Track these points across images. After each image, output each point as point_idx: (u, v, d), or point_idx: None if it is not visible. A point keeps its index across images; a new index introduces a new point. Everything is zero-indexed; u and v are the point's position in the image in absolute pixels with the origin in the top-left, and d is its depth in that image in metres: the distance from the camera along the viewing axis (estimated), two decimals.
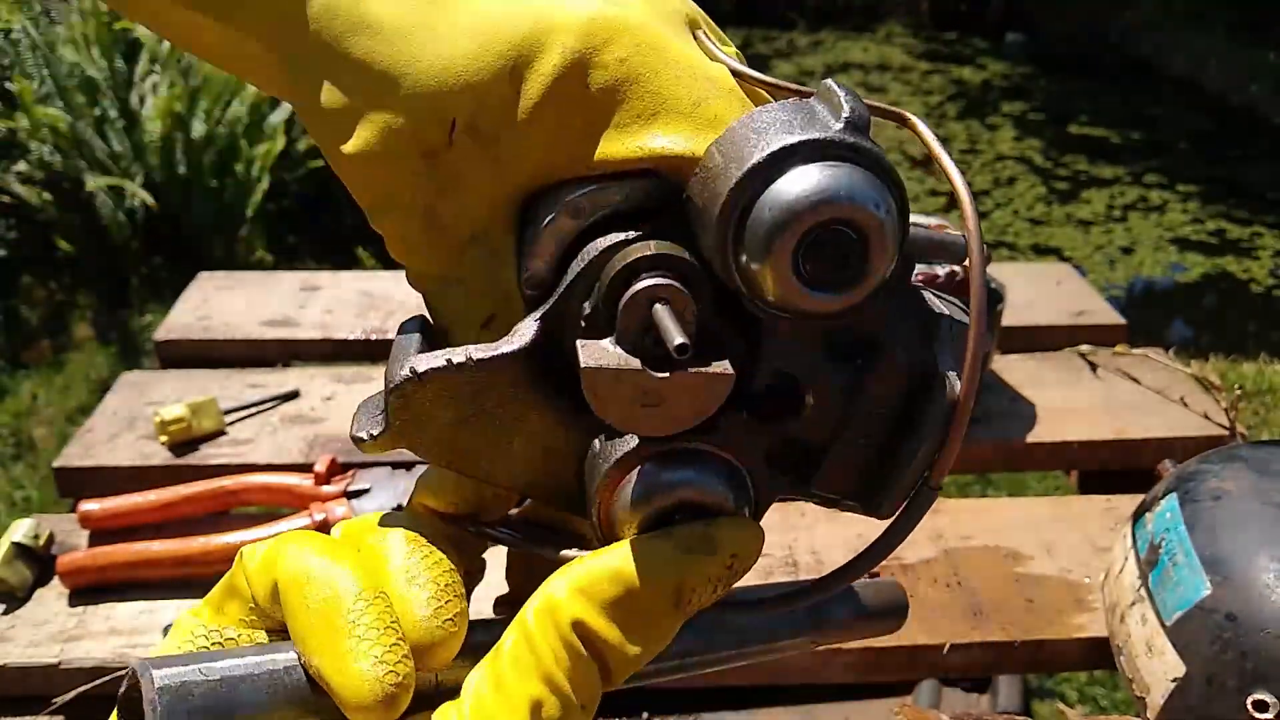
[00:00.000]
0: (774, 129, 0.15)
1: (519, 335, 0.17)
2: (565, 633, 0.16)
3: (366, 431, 0.17)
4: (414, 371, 0.17)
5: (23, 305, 1.76)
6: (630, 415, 0.16)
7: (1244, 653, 0.42)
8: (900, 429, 0.18)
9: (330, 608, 0.16)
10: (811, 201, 0.15)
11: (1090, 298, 0.84)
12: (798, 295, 0.16)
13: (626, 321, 0.16)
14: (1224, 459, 0.50)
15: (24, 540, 0.53)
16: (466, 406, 0.17)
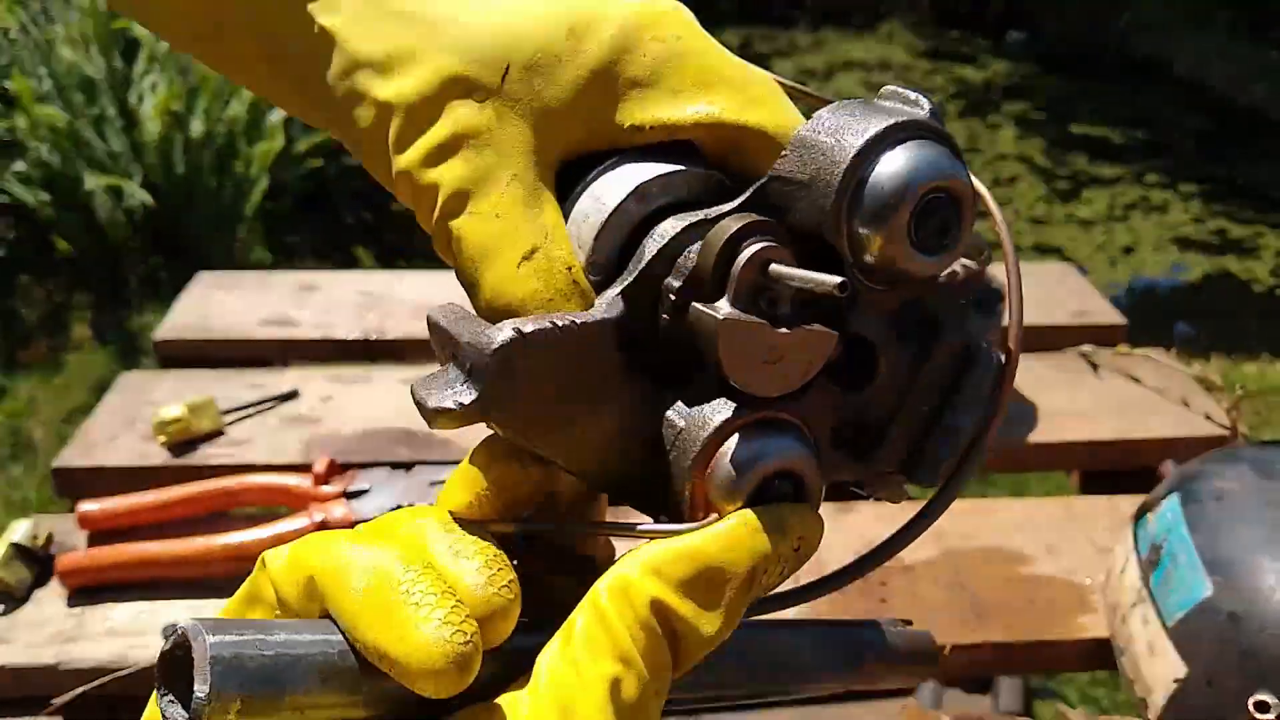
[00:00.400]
0: (872, 114, 0.17)
1: (610, 305, 0.17)
2: (642, 612, 0.16)
3: (454, 400, 0.16)
4: (519, 331, 0.16)
5: (21, 305, 1.76)
6: (753, 373, 0.17)
7: (1246, 653, 0.42)
8: (947, 400, 0.19)
9: (379, 584, 0.15)
10: (928, 173, 0.17)
11: (1091, 297, 0.83)
12: (907, 258, 0.17)
13: (741, 285, 0.17)
14: (1226, 459, 0.50)
15: (23, 541, 0.53)
16: (564, 374, 0.17)
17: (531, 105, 0.18)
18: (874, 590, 0.53)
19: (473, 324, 0.17)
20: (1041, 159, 2.75)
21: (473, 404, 0.16)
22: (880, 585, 0.54)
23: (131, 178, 1.76)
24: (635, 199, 0.18)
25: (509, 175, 0.18)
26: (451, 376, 0.17)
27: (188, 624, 0.14)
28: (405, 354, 0.76)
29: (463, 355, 0.16)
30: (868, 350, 0.19)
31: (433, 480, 0.56)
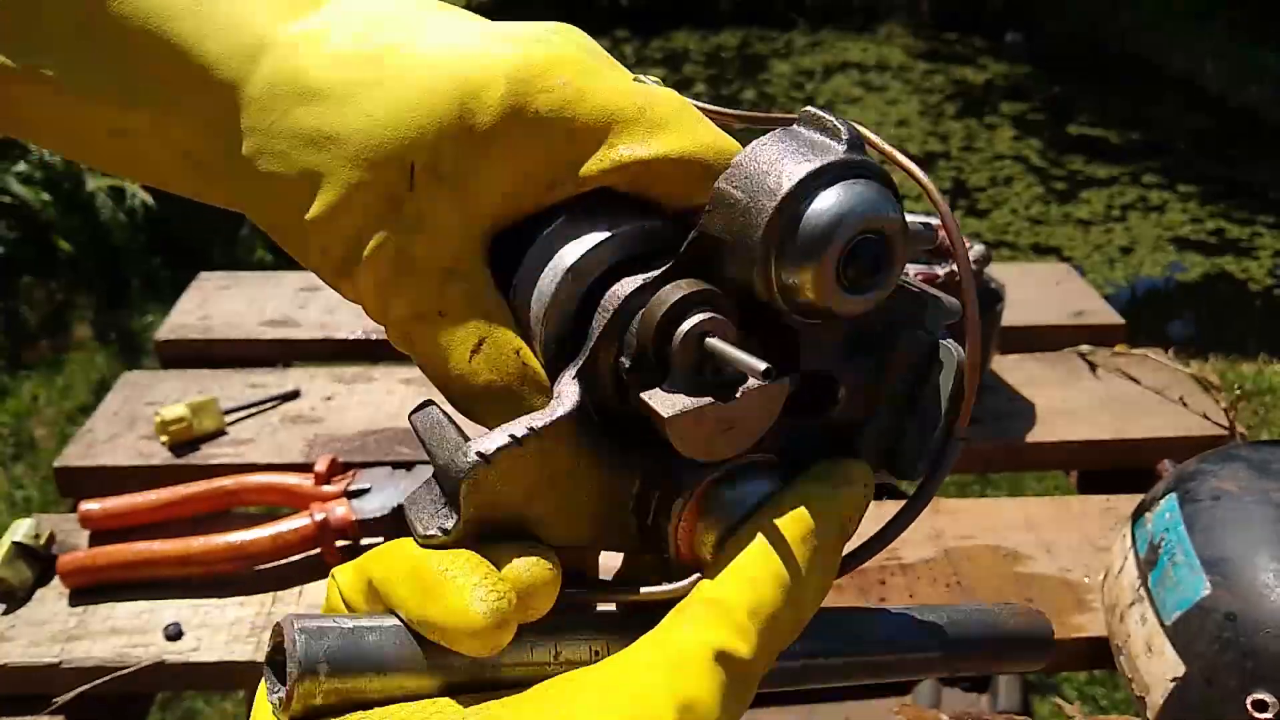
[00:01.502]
0: (787, 158, 0.17)
1: (566, 396, 0.17)
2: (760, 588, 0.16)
3: (438, 528, 0.17)
4: (481, 455, 0.17)
5: (23, 306, 1.76)
6: (709, 445, 0.17)
7: (1244, 652, 0.42)
8: (915, 393, 0.20)
9: (423, 570, 0.16)
10: (850, 218, 0.17)
11: (1089, 298, 0.84)
12: (839, 300, 0.17)
13: (683, 360, 0.17)
14: (1223, 459, 0.50)
15: (25, 540, 0.53)
16: (535, 478, 0.17)
17: (447, 194, 0.18)
18: (872, 589, 0.54)
19: (445, 440, 0.17)
20: (1039, 159, 2.76)
21: (455, 527, 0.17)
22: (879, 584, 0.54)
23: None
24: (572, 278, 0.18)
25: (442, 271, 0.18)
26: (434, 497, 0.17)
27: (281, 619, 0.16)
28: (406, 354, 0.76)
29: (439, 476, 0.17)
30: (824, 380, 0.19)
31: None
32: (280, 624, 0.16)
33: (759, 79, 3.58)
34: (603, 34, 2.56)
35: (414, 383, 0.71)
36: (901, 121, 3.08)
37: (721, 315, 0.17)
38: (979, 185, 2.55)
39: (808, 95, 3.36)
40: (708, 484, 0.18)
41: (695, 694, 0.16)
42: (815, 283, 0.17)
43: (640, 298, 0.18)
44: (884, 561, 0.55)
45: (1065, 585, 0.54)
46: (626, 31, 3.99)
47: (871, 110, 3.19)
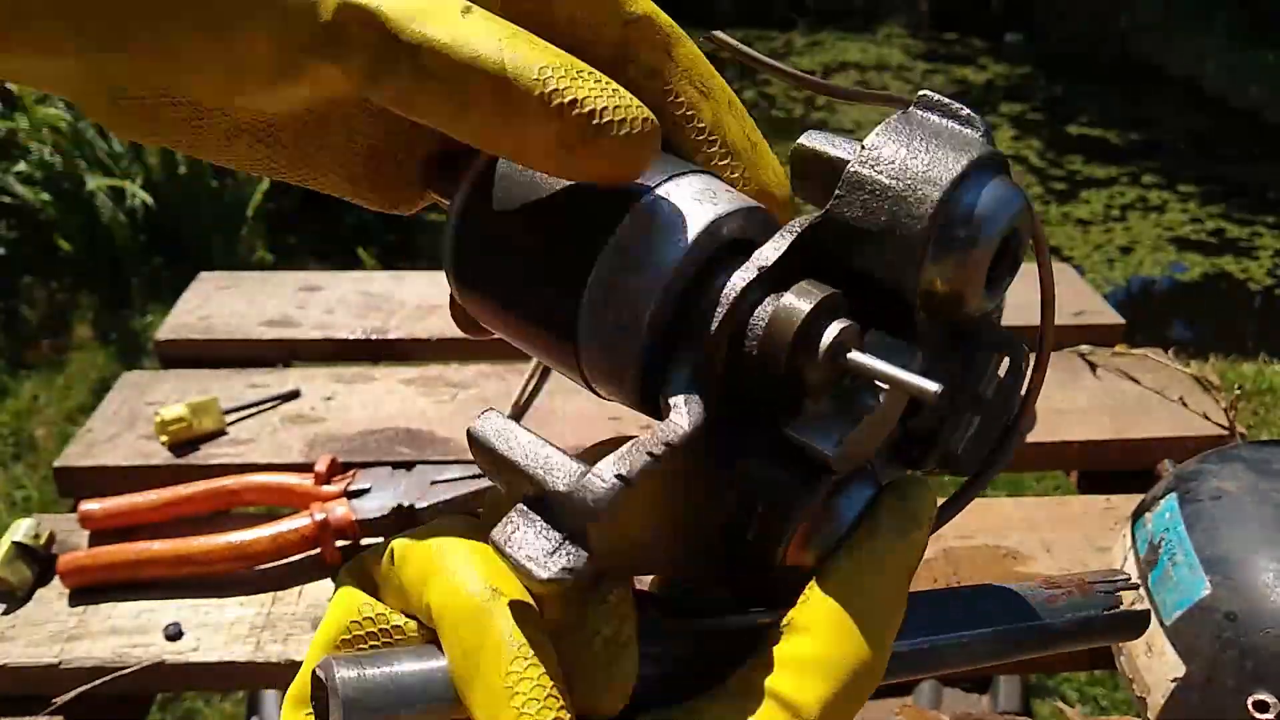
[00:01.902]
0: (939, 147, 0.16)
1: (689, 408, 0.16)
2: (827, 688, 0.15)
3: (562, 569, 0.14)
4: (622, 478, 0.14)
5: (23, 305, 1.76)
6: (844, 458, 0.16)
7: (1244, 652, 0.42)
8: (983, 394, 0.19)
9: (487, 661, 0.14)
10: (1010, 212, 0.16)
11: (1089, 297, 0.84)
12: (979, 297, 0.17)
13: (821, 378, 0.16)
14: (1223, 459, 0.50)
15: (24, 540, 0.53)
16: (664, 502, 0.16)
17: None
18: None
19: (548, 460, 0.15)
20: (1039, 159, 2.76)
21: (586, 566, 0.14)
22: None
23: (133, 178, 1.76)
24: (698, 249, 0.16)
25: None
26: (540, 530, 0.15)
27: (323, 664, 0.15)
28: (407, 354, 0.76)
29: (556, 503, 0.15)
30: None
31: (434, 479, 0.56)
32: (320, 672, 0.14)
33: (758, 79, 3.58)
34: None
35: (414, 383, 0.71)
36: None
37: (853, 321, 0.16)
38: None
39: (807, 95, 3.36)
40: (825, 495, 0.16)
41: None
42: (966, 277, 0.16)
43: (759, 287, 0.16)
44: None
45: None
46: None
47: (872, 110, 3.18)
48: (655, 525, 0.16)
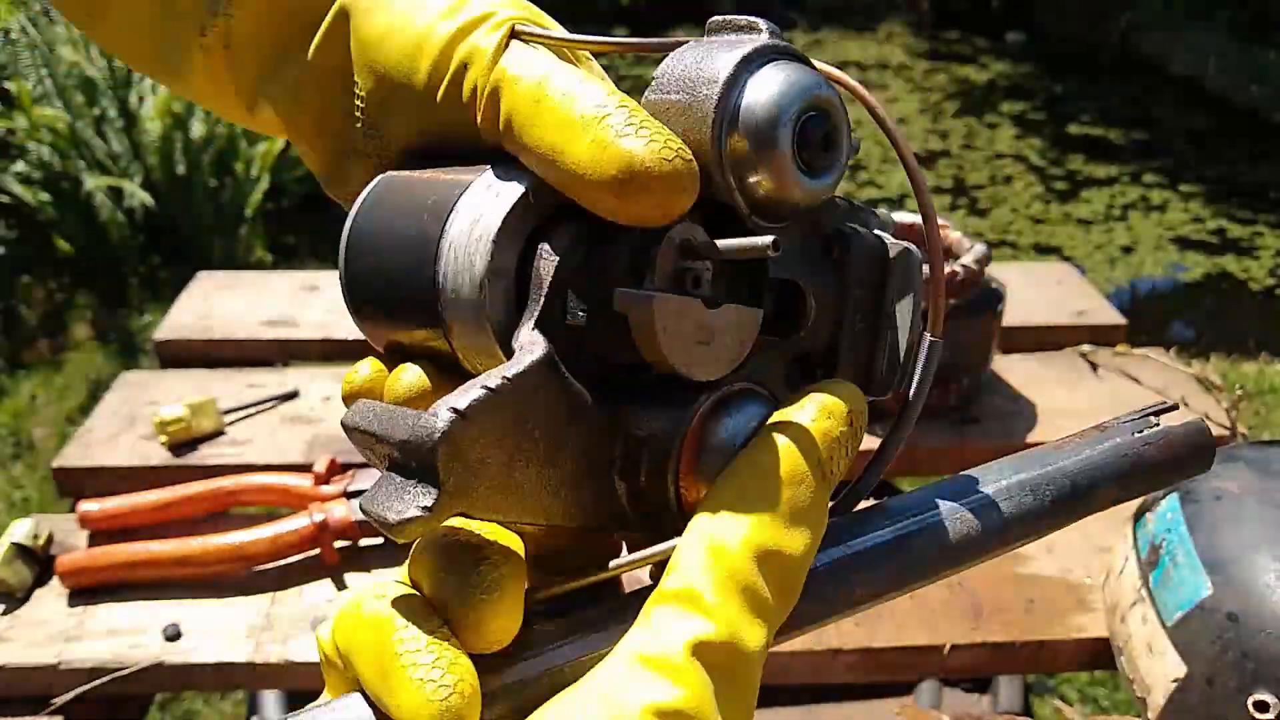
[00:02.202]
0: (714, 52, 0.17)
1: (534, 344, 0.16)
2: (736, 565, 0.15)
3: (416, 507, 0.15)
4: (456, 410, 0.15)
5: (22, 305, 1.76)
6: (688, 356, 0.16)
7: (1245, 653, 0.42)
8: (878, 306, 0.19)
9: (379, 636, 0.15)
10: (794, 93, 0.16)
11: (1091, 297, 0.83)
12: (800, 186, 0.17)
13: (663, 268, 0.16)
14: (1225, 459, 0.50)
15: (23, 540, 0.53)
16: (513, 437, 0.16)
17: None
18: None
19: (401, 418, 0.15)
20: (1040, 158, 2.76)
21: (438, 502, 0.15)
22: None
23: (132, 178, 1.76)
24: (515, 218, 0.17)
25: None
26: (399, 482, 0.15)
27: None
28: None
29: (405, 454, 0.15)
30: (792, 291, 0.18)
31: None
32: None
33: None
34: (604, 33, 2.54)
35: None
36: (901, 119, 3.08)
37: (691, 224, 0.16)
38: (978, 184, 2.55)
39: None
40: (701, 416, 0.17)
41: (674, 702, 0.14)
42: (775, 168, 0.16)
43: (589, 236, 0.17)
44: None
45: (1066, 586, 0.54)
46: (626, 30, 3.99)
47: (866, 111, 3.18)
48: (523, 467, 0.16)
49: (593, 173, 0.15)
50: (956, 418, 0.66)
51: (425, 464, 0.15)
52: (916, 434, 0.66)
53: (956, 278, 0.63)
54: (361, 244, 0.19)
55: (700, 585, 0.15)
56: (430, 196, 0.18)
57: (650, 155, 0.15)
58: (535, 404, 0.16)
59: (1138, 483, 0.19)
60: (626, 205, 0.15)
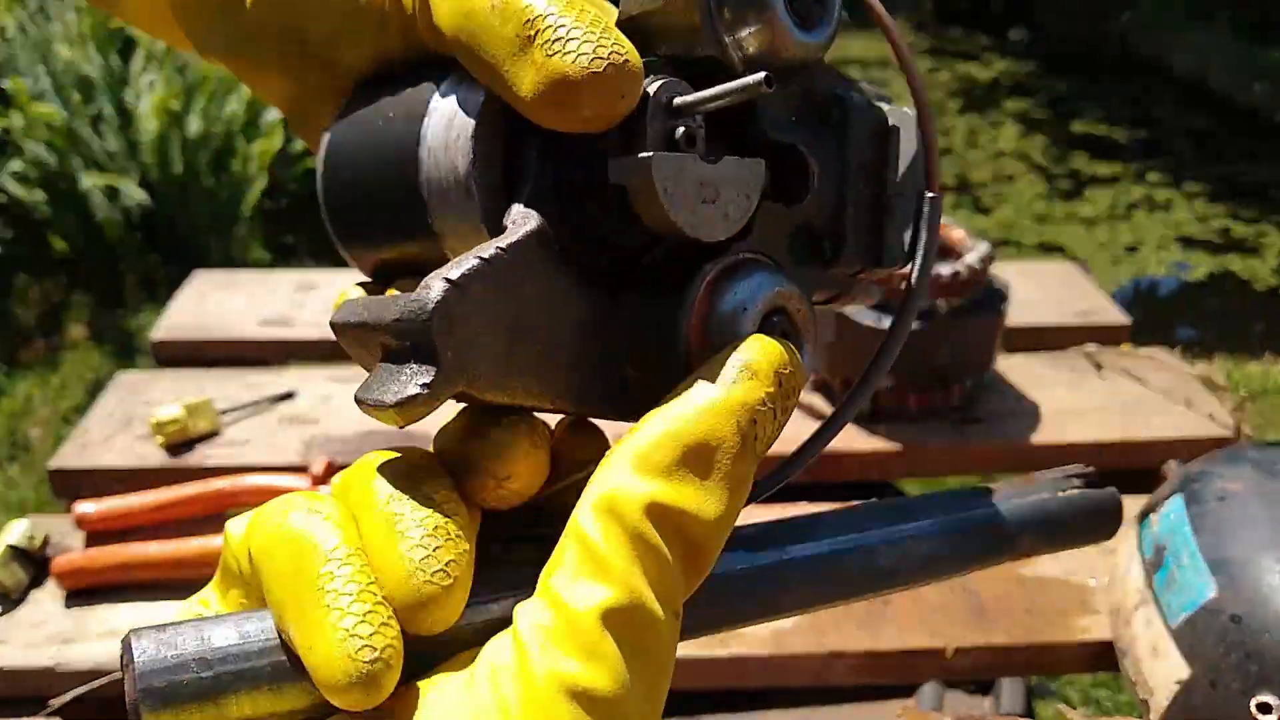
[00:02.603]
0: None
1: (527, 218, 0.16)
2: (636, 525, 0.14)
3: (415, 385, 0.14)
4: (449, 281, 0.14)
5: (17, 305, 1.75)
6: (694, 216, 0.16)
7: (1249, 655, 0.41)
8: (882, 176, 0.19)
9: (299, 569, 0.14)
10: None
11: (1095, 297, 0.83)
12: (794, 40, 0.16)
13: (655, 131, 0.16)
14: (1229, 460, 0.49)
15: (19, 542, 0.53)
16: (509, 311, 0.15)
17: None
18: None
19: (392, 302, 0.14)
20: (1043, 157, 2.75)
21: (437, 378, 0.14)
22: None
23: (128, 176, 1.75)
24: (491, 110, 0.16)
25: None
26: (395, 367, 0.14)
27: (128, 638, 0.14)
28: None
29: (399, 335, 0.14)
30: (794, 156, 0.18)
31: None
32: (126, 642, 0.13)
33: None
34: None
35: None
36: None
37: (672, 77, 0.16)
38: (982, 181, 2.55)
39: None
40: (708, 285, 0.16)
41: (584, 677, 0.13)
42: (766, 18, 0.16)
43: None
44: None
45: (1070, 587, 0.53)
46: None
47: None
48: (524, 346, 0.15)
49: (525, 91, 0.15)
50: (959, 418, 0.66)
51: (420, 339, 0.14)
52: (919, 434, 0.66)
53: (959, 277, 0.62)
54: (339, 171, 0.18)
55: (602, 550, 0.14)
56: (401, 108, 0.17)
57: (577, 70, 0.14)
58: (531, 278, 0.15)
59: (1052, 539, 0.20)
60: (564, 119, 0.15)
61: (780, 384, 0.15)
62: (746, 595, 0.17)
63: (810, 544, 0.18)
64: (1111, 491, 0.21)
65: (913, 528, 0.19)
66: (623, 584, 0.14)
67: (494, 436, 0.15)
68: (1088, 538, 0.20)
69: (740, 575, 0.17)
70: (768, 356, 0.16)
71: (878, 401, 0.65)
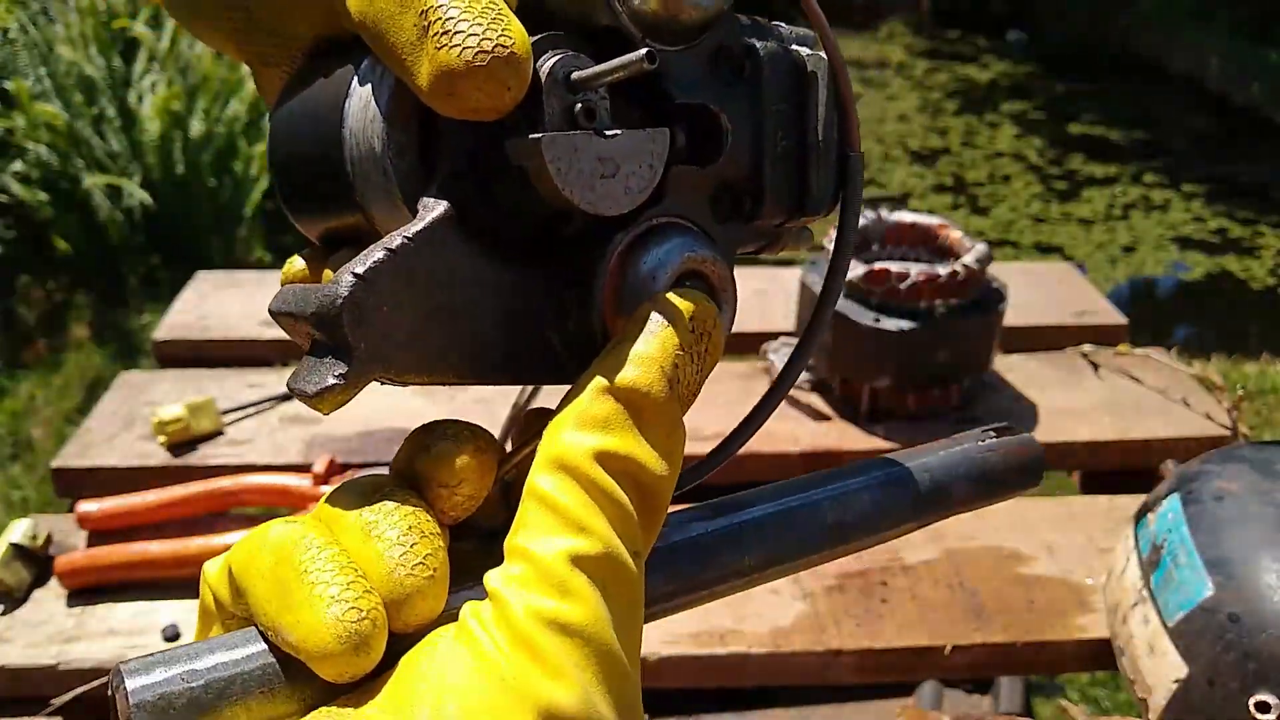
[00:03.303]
0: None
1: (434, 205, 0.16)
2: (587, 474, 0.15)
3: (332, 376, 0.15)
4: (356, 274, 0.15)
5: (20, 305, 1.75)
6: (593, 191, 0.16)
7: (1246, 653, 0.41)
8: (800, 125, 0.19)
9: (281, 561, 0.14)
10: None
11: (1092, 297, 0.83)
12: (688, 5, 0.16)
13: (551, 107, 0.16)
14: (1226, 459, 0.50)
15: (22, 541, 0.53)
16: (422, 296, 0.15)
17: None
18: (874, 589, 0.53)
19: (313, 293, 0.15)
20: (1041, 158, 2.75)
21: (352, 368, 0.15)
22: (880, 585, 0.54)
23: (131, 177, 1.76)
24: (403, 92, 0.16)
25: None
26: (317, 359, 0.15)
27: (117, 669, 0.14)
28: None
29: (318, 327, 0.15)
30: (705, 115, 0.18)
31: None
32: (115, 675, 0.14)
33: None
34: None
35: None
36: (902, 117, 3.08)
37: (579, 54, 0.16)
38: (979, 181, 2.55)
39: None
40: (619, 255, 0.17)
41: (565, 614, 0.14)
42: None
43: None
44: (885, 563, 0.55)
45: (1068, 586, 0.53)
46: None
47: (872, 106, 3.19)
48: (440, 326, 0.16)
49: (421, 82, 0.15)
50: (958, 418, 0.66)
51: (334, 333, 0.15)
52: (917, 434, 0.66)
53: (957, 277, 0.63)
54: (279, 147, 0.19)
55: (561, 501, 0.15)
56: (329, 89, 0.17)
57: (460, 64, 0.14)
58: (441, 262, 0.16)
59: (982, 486, 0.21)
60: (455, 109, 0.15)
61: (694, 329, 0.16)
62: (710, 560, 0.18)
63: (759, 507, 0.19)
64: (1030, 436, 0.22)
65: (854, 482, 0.20)
66: (584, 529, 0.15)
67: (438, 449, 0.16)
68: (1017, 485, 0.21)
69: (701, 540, 0.18)
70: (681, 306, 0.17)
71: (876, 401, 0.65)
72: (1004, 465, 0.21)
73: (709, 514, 0.19)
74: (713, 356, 0.17)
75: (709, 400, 0.69)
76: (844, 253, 0.19)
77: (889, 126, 2.97)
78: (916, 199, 2.43)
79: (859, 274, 0.63)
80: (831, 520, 0.19)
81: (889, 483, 0.20)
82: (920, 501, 0.20)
